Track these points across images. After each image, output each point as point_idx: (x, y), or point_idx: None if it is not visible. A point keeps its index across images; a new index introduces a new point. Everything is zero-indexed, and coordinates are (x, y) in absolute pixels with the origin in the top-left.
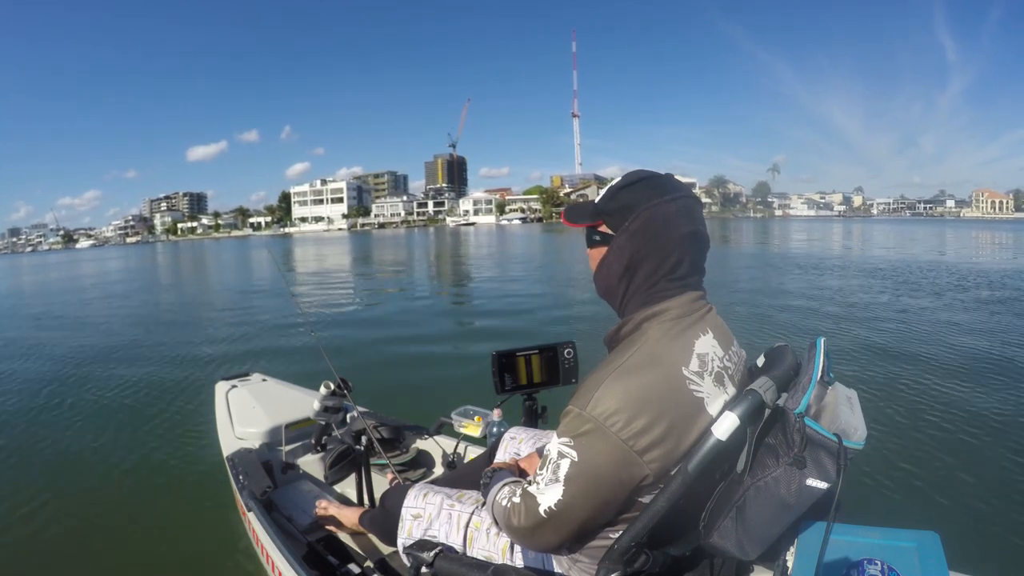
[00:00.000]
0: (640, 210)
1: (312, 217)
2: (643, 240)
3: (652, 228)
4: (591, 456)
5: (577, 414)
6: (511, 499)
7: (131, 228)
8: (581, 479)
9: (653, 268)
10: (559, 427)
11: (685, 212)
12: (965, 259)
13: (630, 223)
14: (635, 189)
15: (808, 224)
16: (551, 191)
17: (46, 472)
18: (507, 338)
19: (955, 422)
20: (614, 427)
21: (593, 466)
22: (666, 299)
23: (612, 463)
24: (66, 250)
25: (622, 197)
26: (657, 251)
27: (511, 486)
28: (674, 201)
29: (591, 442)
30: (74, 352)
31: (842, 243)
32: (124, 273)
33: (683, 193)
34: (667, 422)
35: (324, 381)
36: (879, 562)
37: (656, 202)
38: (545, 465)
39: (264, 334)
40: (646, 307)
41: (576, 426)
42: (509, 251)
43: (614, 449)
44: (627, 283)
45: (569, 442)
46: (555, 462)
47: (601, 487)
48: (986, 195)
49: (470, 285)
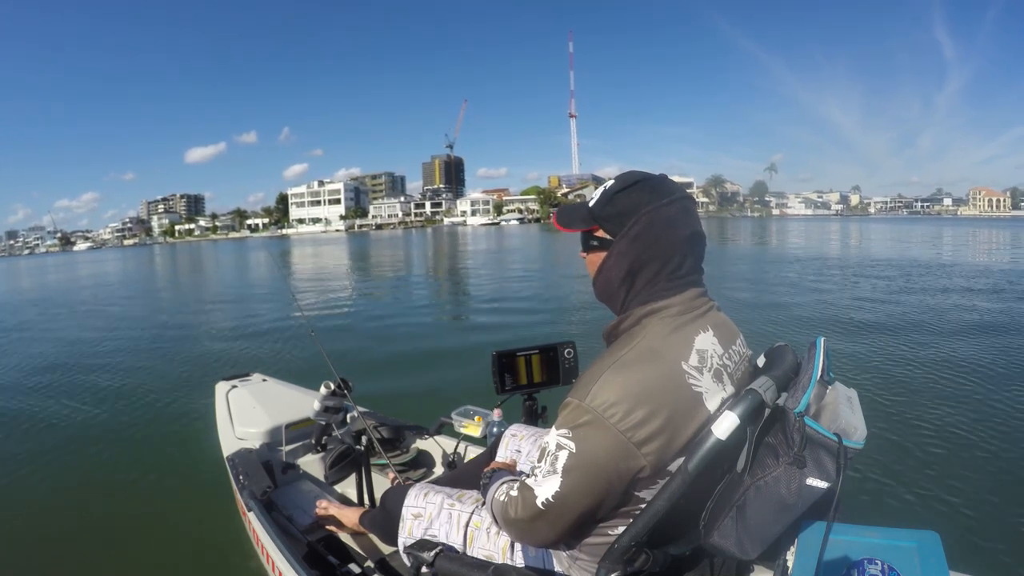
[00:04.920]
0: (640, 214)
1: (310, 219)
2: (645, 245)
3: (654, 232)
4: (589, 447)
5: (576, 405)
6: (509, 493)
7: (128, 230)
8: (579, 470)
9: (656, 271)
10: (558, 419)
11: (684, 213)
12: (963, 258)
13: (630, 228)
14: (632, 193)
15: (805, 223)
16: (549, 191)
17: (46, 472)
18: (507, 338)
19: (956, 422)
20: (612, 418)
21: (591, 457)
22: (667, 296)
23: (610, 454)
24: (63, 252)
25: (619, 201)
26: (660, 255)
27: (509, 483)
28: (673, 203)
29: (589, 433)
30: (74, 353)
31: (840, 242)
32: (122, 275)
33: (680, 194)
34: (665, 415)
35: (324, 381)
36: (879, 562)
37: (656, 205)
38: (543, 457)
39: (264, 334)
40: (647, 304)
41: (574, 417)
42: (506, 249)
43: (612, 440)
44: (628, 287)
45: (567, 433)
46: (553, 454)
47: (599, 478)
48: (983, 193)
49: (470, 285)
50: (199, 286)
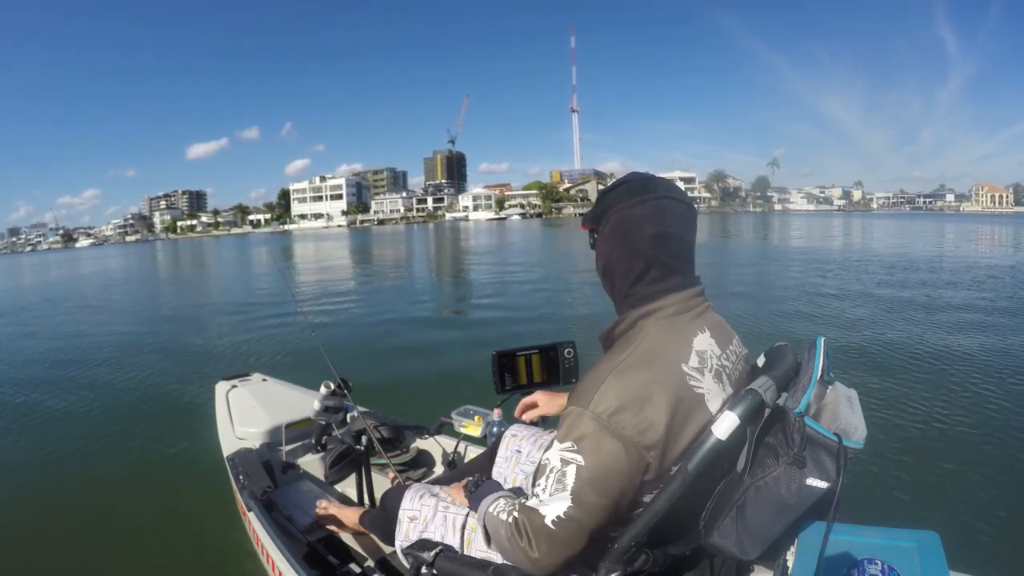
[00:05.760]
0: (610, 213)
1: (311, 214)
2: (613, 243)
3: (619, 231)
4: (600, 458)
5: (579, 414)
6: (511, 514)
7: (130, 227)
8: (592, 483)
9: (624, 271)
10: (559, 431)
11: (655, 213)
12: (966, 255)
13: (603, 226)
14: (613, 193)
15: (808, 218)
16: (550, 186)
17: (46, 471)
18: (507, 337)
19: (956, 422)
20: (620, 424)
21: (603, 467)
22: (660, 297)
23: (621, 461)
24: (65, 249)
25: (603, 200)
26: (624, 255)
27: (506, 499)
28: (643, 203)
29: (597, 442)
30: (73, 352)
31: (842, 239)
32: (124, 272)
33: (658, 194)
34: (670, 418)
35: (324, 381)
36: (879, 562)
37: (623, 205)
38: (546, 476)
39: (264, 334)
40: (641, 305)
41: (579, 428)
42: (507, 245)
43: (623, 446)
44: (611, 285)
45: (572, 447)
46: (559, 471)
47: (612, 488)
48: (986, 189)
49: (470, 283)
50: (200, 284)
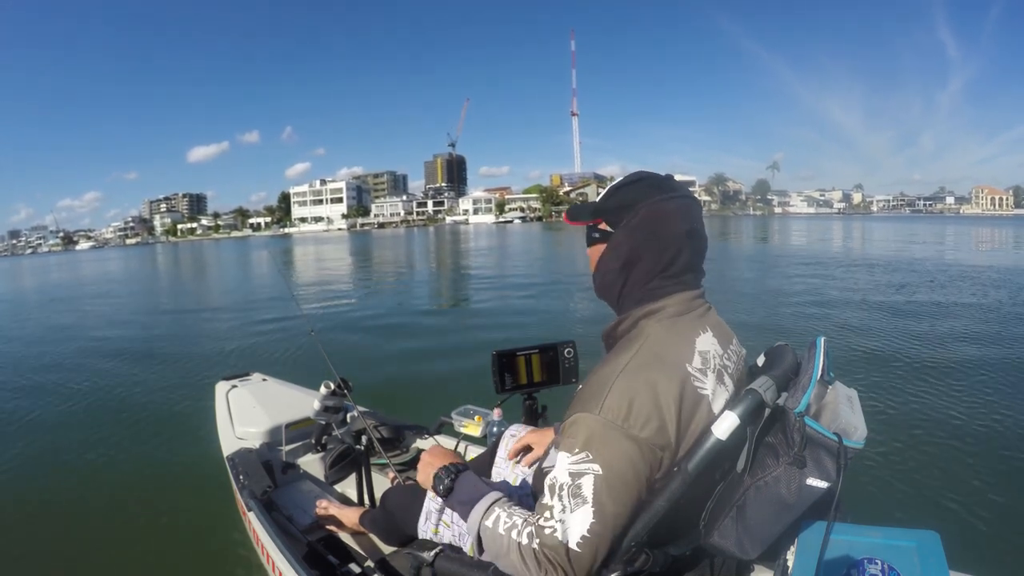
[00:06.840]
0: (639, 206)
1: (312, 217)
2: (642, 235)
3: (651, 224)
4: (617, 462)
5: (589, 419)
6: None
7: (131, 229)
8: (611, 491)
9: (651, 263)
10: (565, 441)
11: (683, 210)
12: (965, 257)
13: (629, 219)
14: (635, 187)
15: (808, 222)
16: (551, 190)
17: (46, 471)
18: (507, 338)
19: (956, 422)
20: (633, 427)
21: (621, 472)
22: (663, 297)
23: (638, 464)
24: (66, 252)
25: (622, 195)
26: (655, 247)
27: (506, 512)
28: (672, 199)
29: (614, 447)
30: (74, 353)
31: (842, 242)
32: (124, 274)
33: (682, 193)
34: (679, 418)
35: (324, 381)
36: (879, 561)
37: (655, 199)
38: (557, 494)
39: (264, 334)
40: (643, 305)
41: (589, 435)
42: (507, 247)
43: (639, 448)
44: (624, 279)
45: (587, 456)
46: (572, 485)
47: (631, 492)
48: (986, 192)
49: (470, 284)
50: (200, 285)
